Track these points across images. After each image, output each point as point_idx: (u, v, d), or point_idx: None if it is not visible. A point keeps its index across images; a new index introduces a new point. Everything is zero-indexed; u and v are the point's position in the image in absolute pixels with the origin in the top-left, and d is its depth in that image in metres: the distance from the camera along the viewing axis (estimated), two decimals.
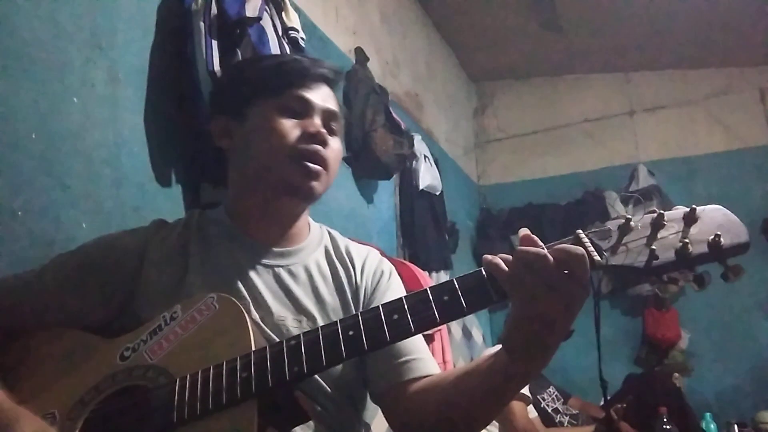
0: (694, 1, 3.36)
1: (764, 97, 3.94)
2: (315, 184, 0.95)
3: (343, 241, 1.07)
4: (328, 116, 0.98)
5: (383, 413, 0.93)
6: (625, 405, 2.71)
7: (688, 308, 3.71)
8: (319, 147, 0.94)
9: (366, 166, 2.49)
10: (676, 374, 3.31)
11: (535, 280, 0.65)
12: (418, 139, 2.99)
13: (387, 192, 2.88)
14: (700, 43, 3.72)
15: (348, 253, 1.04)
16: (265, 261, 0.96)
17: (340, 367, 0.89)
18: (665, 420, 2.51)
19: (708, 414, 3.22)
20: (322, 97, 0.99)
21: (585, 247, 0.67)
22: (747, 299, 3.57)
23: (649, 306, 3.74)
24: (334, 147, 0.98)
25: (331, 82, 1.02)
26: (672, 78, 4.13)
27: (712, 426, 3.18)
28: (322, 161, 0.95)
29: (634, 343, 3.82)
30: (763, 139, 3.88)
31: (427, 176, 2.98)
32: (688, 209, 0.69)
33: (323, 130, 0.95)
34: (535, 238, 0.68)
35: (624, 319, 3.84)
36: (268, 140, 0.94)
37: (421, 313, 0.71)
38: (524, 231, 0.69)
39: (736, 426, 3.03)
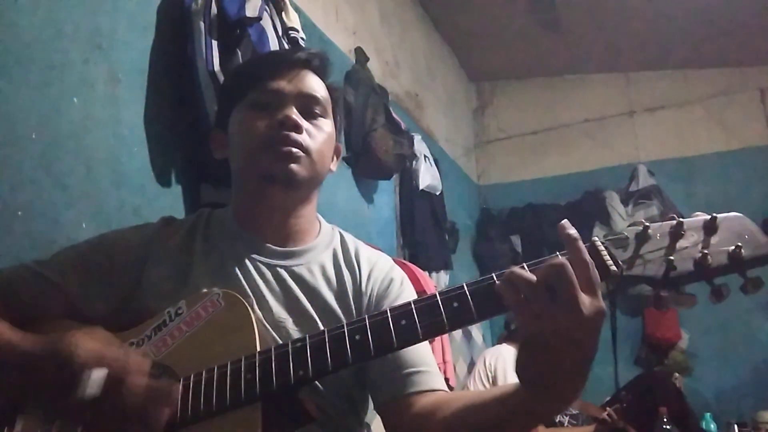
0: (694, 1, 3.36)
1: (764, 97, 3.94)
2: (293, 166, 0.91)
3: (353, 245, 1.04)
4: (305, 101, 0.95)
5: (383, 424, 0.91)
6: (624, 405, 2.71)
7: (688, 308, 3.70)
8: (289, 132, 0.91)
9: (366, 166, 2.48)
10: (676, 374, 3.30)
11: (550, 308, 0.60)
12: (418, 139, 2.99)
13: (387, 192, 2.87)
14: (700, 43, 3.72)
15: (357, 257, 1.01)
16: (268, 261, 0.95)
17: None
18: (665, 420, 2.50)
19: (708, 414, 3.22)
20: (295, 83, 0.95)
21: (601, 257, 0.65)
22: (747, 299, 3.49)
23: (649, 306, 3.73)
24: (316, 130, 0.95)
25: (309, 65, 0.98)
26: (672, 78, 4.13)
27: (712, 426, 3.18)
28: (294, 144, 0.92)
29: (634, 343, 3.82)
30: (763, 139, 3.88)
31: (427, 176, 2.97)
32: (708, 217, 0.65)
33: (293, 116, 0.92)
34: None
35: (624, 319, 3.83)
36: (242, 139, 0.94)
37: (430, 319, 0.69)
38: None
39: (736, 426, 3.04)
